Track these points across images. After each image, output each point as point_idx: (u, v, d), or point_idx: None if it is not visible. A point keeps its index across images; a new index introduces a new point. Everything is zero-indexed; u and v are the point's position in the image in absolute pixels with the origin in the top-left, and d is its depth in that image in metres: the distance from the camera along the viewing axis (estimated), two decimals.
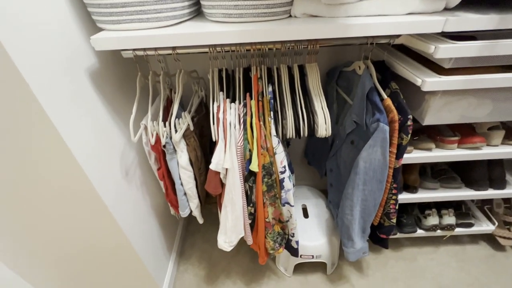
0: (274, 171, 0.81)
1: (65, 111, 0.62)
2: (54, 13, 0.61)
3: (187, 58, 0.86)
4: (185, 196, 0.91)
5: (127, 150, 0.90)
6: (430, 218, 1.17)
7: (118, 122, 0.85)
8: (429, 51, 0.68)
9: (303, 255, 1.10)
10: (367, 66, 0.82)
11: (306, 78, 0.83)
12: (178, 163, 0.84)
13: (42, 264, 0.92)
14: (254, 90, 0.81)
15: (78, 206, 0.75)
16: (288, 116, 0.77)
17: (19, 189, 0.70)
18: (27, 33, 0.53)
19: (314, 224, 1.17)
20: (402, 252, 1.29)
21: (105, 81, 0.78)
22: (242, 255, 1.30)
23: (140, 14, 0.64)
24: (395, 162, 0.82)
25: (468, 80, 0.71)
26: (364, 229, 0.96)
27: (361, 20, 0.65)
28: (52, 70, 0.59)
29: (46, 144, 0.61)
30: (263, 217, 0.88)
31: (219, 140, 0.77)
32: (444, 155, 0.92)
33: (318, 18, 0.69)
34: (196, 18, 0.77)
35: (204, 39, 0.65)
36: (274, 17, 0.68)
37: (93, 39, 0.64)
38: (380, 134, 0.76)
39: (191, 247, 1.37)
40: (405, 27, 0.64)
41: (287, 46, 0.79)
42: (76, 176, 0.68)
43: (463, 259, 1.26)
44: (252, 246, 0.98)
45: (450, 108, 0.81)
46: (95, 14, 0.67)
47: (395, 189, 0.88)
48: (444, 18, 0.62)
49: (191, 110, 0.89)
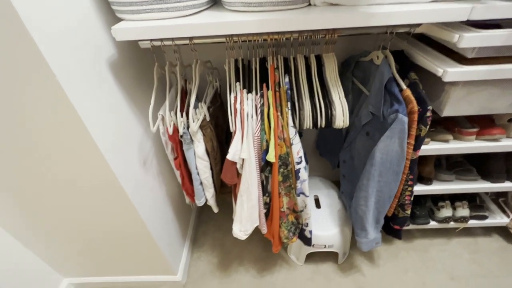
0: (290, 161, 0.81)
1: (90, 103, 0.63)
2: (77, 4, 0.61)
3: (201, 48, 0.85)
4: (201, 185, 0.92)
5: (145, 140, 0.91)
6: (443, 210, 1.16)
7: (136, 112, 0.86)
8: (452, 40, 0.66)
9: (315, 245, 1.12)
10: (386, 56, 0.81)
11: (323, 69, 0.83)
12: (195, 153, 0.85)
13: (66, 248, 0.96)
14: (271, 80, 0.81)
15: (101, 194, 0.78)
16: (305, 106, 0.77)
17: (48, 178, 0.73)
18: (54, 29, 0.54)
19: (326, 214, 1.18)
20: (414, 243, 1.30)
21: (124, 72, 0.79)
22: (254, 243, 1.33)
23: (160, 3, 0.64)
24: (413, 153, 0.82)
25: (492, 70, 0.69)
26: (378, 220, 0.96)
27: (383, 9, 0.63)
28: (77, 62, 0.60)
29: (73, 135, 0.63)
30: (278, 207, 0.89)
31: (236, 131, 0.78)
32: (462, 146, 0.91)
33: (338, 7, 0.67)
34: (213, 7, 0.77)
35: (224, 29, 0.64)
36: (294, 6, 0.67)
37: (114, 29, 0.64)
38: (398, 125, 0.75)
39: (204, 235, 1.40)
40: (429, 15, 0.62)
41: (305, 36, 0.78)
42: (100, 166, 0.70)
43: (475, 251, 1.25)
44: (266, 235, 1.00)
45: (471, 99, 0.79)
46: (115, 4, 0.67)
47: (411, 181, 0.88)
48: (471, 6, 0.60)
49: (206, 101, 0.90)
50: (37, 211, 0.84)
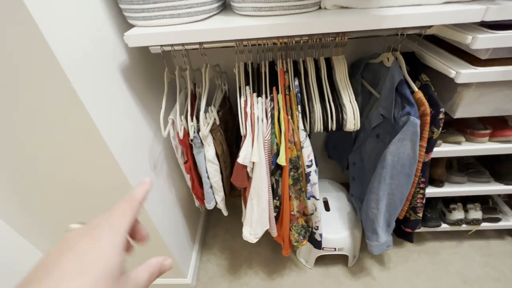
0: (301, 164, 0.81)
1: (102, 108, 0.64)
2: (90, 11, 0.62)
3: (210, 52, 0.86)
4: (211, 189, 0.93)
5: (155, 144, 0.92)
6: (455, 213, 1.14)
7: (146, 116, 0.87)
8: (465, 41, 0.65)
9: (325, 248, 1.11)
10: (396, 58, 0.80)
11: (333, 71, 0.82)
12: (205, 156, 0.85)
13: None
14: (280, 83, 0.81)
15: (113, 198, 0.78)
16: (316, 110, 0.77)
17: (61, 180, 0.74)
18: (69, 34, 0.55)
19: (336, 217, 1.17)
20: (425, 246, 1.28)
21: (134, 76, 0.80)
22: (263, 246, 1.32)
23: (171, 9, 0.65)
24: (425, 156, 0.81)
25: (507, 71, 0.68)
26: (389, 223, 0.95)
27: (394, 11, 0.63)
28: (90, 67, 0.61)
29: (86, 139, 0.64)
30: (288, 210, 0.89)
31: (246, 134, 0.78)
32: (474, 148, 0.90)
33: (349, 10, 0.67)
34: (222, 12, 0.77)
35: (235, 34, 0.65)
36: (304, 10, 0.67)
37: (127, 36, 0.65)
38: (410, 128, 0.74)
39: (213, 238, 1.40)
40: (442, 17, 0.61)
41: (314, 39, 0.78)
42: (113, 169, 0.70)
43: (488, 253, 1.23)
44: (276, 239, 1.00)
45: (484, 100, 0.78)
46: (127, 10, 0.68)
47: (422, 183, 0.87)
48: (485, 7, 0.59)
49: (216, 104, 0.90)
50: (49, 212, 0.85)
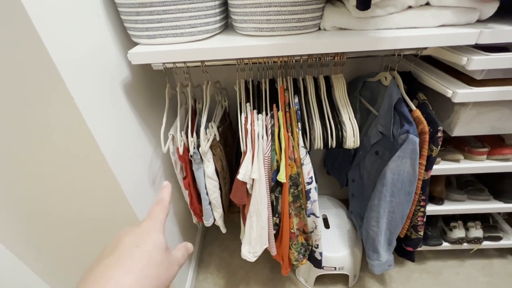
0: (301, 181, 0.81)
1: (103, 123, 0.64)
2: (96, 29, 0.64)
3: (211, 69, 0.88)
4: (210, 205, 0.91)
5: (154, 159, 0.92)
6: (456, 231, 1.13)
7: (146, 131, 0.87)
8: (461, 62, 0.67)
9: (325, 267, 1.09)
10: (394, 77, 0.82)
11: (332, 89, 0.84)
12: (204, 172, 0.85)
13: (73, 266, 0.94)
14: (281, 101, 0.82)
15: (110, 215, 0.77)
16: (315, 127, 0.77)
17: (56, 192, 0.73)
18: (75, 53, 0.56)
19: (336, 235, 1.16)
20: (426, 265, 1.25)
21: (136, 92, 0.81)
22: (262, 264, 1.29)
23: (175, 29, 0.67)
24: (424, 173, 0.81)
25: (502, 91, 0.70)
26: (390, 241, 0.94)
27: (391, 33, 0.65)
28: (93, 84, 0.61)
29: (85, 155, 0.63)
30: (288, 228, 0.88)
31: (247, 151, 0.78)
32: (473, 166, 0.90)
33: (348, 31, 0.69)
34: (225, 31, 0.79)
35: (236, 53, 0.66)
36: (304, 31, 0.69)
37: (131, 53, 0.66)
38: (409, 146, 0.75)
39: (210, 256, 1.37)
40: (437, 39, 0.63)
41: (314, 58, 0.80)
42: (111, 186, 0.69)
43: (491, 273, 1.21)
44: (275, 257, 0.97)
45: (481, 119, 0.80)
46: (131, 29, 0.69)
47: (423, 201, 0.87)
48: (478, 30, 0.61)
49: (216, 120, 0.91)
50: (44, 230, 0.83)
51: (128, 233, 0.28)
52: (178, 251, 0.32)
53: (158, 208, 0.33)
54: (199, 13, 0.66)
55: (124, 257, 0.25)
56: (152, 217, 0.31)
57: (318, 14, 0.68)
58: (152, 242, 0.27)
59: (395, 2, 0.63)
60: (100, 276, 0.23)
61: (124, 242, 0.27)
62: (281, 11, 0.64)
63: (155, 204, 0.33)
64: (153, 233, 0.28)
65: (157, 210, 0.33)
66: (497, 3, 0.63)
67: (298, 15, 0.65)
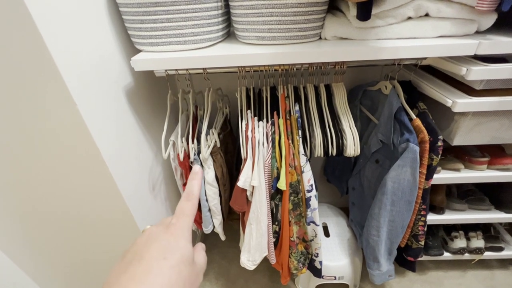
0: (301, 189, 0.81)
1: (105, 129, 0.64)
2: (100, 36, 0.65)
3: (213, 77, 0.88)
4: (209, 212, 0.91)
5: (154, 165, 0.92)
6: (457, 241, 1.12)
7: (148, 137, 0.87)
8: (460, 73, 0.68)
9: (325, 276, 1.07)
10: (394, 86, 0.83)
11: (333, 98, 0.84)
12: (204, 179, 0.85)
13: (72, 277, 0.93)
14: (281, 108, 0.82)
15: (109, 222, 0.77)
16: (316, 134, 0.78)
17: (61, 204, 0.73)
18: (79, 60, 0.57)
19: (336, 243, 1.15)
20: (427, 276, 1.24)
21: (138, 98, 0.81)
22: (261, 273, 1.28)
23: (178, 37, 0.68)
24: (425, 182, 0.81)
25: (502, 101, 0.70)
26: (391, 250, 0.93)
27: (391, 43, 0.66)
28: (96, 90, 0.62)
29: (86, 163, 0.64)
30: (288, 236, 0.87)
31: (247, 158, 0.78)
32: (474, 176, 0.90)
33: (348, 41, 0.70)
34: (227, 39, 0.80)
35: (238, 61, 0.67)
36: (305, 40, 0.70)
37: (134, 60, 0.67)
38: (410, 155, 0.75)
39: (209, 263, 1.35)
40: (437, 49, 0.64)
41: (315, 66, 0.81)
42: (112, 193, 0.69)
43: (493, 285, 1.19)
44: (275, 266, 0.96)
45: (481, 129, 0.80)
46: (135, 36, 0.70)
47: (423, 210, 0.86)
48: (477, 42, 0.62)
49: (217, 127, 0.91)
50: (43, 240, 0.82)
51: (155, 239, 0.26)
52: (200, 256, 0.29)
53: (188, 205, 0.29)
54: (202, 21, 0.67)
55: (152, 271, 0.23)
56: (179, 218, 0.28)
57: (319, 23, 0.69)
58: (180, 255, 0.25)
59: (395, 13, 0.65)
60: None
61: (152, 251, 0.25)
62: (283, 20, 0.65)
63: (184, 199, 0.30)
64: (181, 243, 0.27)
65: (186, 209, 0.29)
66: (496, 15, 0.64)
67: (300, 24, 0.66)
